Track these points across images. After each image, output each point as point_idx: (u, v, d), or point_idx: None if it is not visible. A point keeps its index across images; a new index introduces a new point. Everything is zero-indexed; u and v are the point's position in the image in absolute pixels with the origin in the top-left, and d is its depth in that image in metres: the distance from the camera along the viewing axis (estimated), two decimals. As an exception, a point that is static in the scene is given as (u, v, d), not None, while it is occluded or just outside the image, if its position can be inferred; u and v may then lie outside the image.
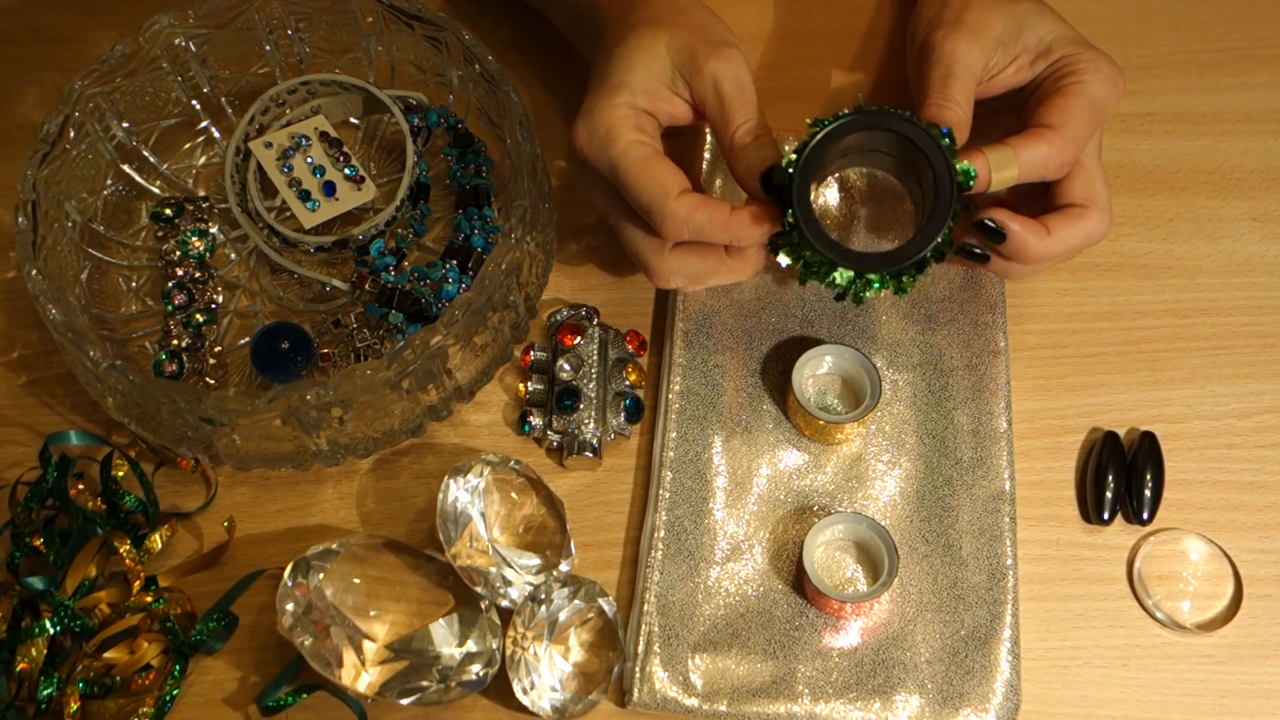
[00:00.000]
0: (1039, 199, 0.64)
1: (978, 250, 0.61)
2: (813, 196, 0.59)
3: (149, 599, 0.61)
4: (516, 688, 0.59)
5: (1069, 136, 0.60)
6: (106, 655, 0.61)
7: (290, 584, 0.59)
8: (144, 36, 0.68)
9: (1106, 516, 0.65)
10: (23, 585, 0.61)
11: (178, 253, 0.70)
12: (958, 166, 0.57)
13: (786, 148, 0.59)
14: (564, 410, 0.65)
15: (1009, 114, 0.65)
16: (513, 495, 0.64)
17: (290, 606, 0.59)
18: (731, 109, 0.60)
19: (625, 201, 0.61)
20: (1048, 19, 0.64)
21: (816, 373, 0.67)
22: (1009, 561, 0.63)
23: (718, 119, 0.61)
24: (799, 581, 0.63)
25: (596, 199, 0.64)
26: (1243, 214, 0.74)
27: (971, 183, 0.58)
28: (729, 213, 0.58)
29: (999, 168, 0.59)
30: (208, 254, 0.70)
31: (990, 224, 0.60)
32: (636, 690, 0.60)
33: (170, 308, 0.69)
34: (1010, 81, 0.64)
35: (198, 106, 0.73)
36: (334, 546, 0.61)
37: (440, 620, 0.61)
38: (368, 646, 0.60)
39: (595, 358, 0.67)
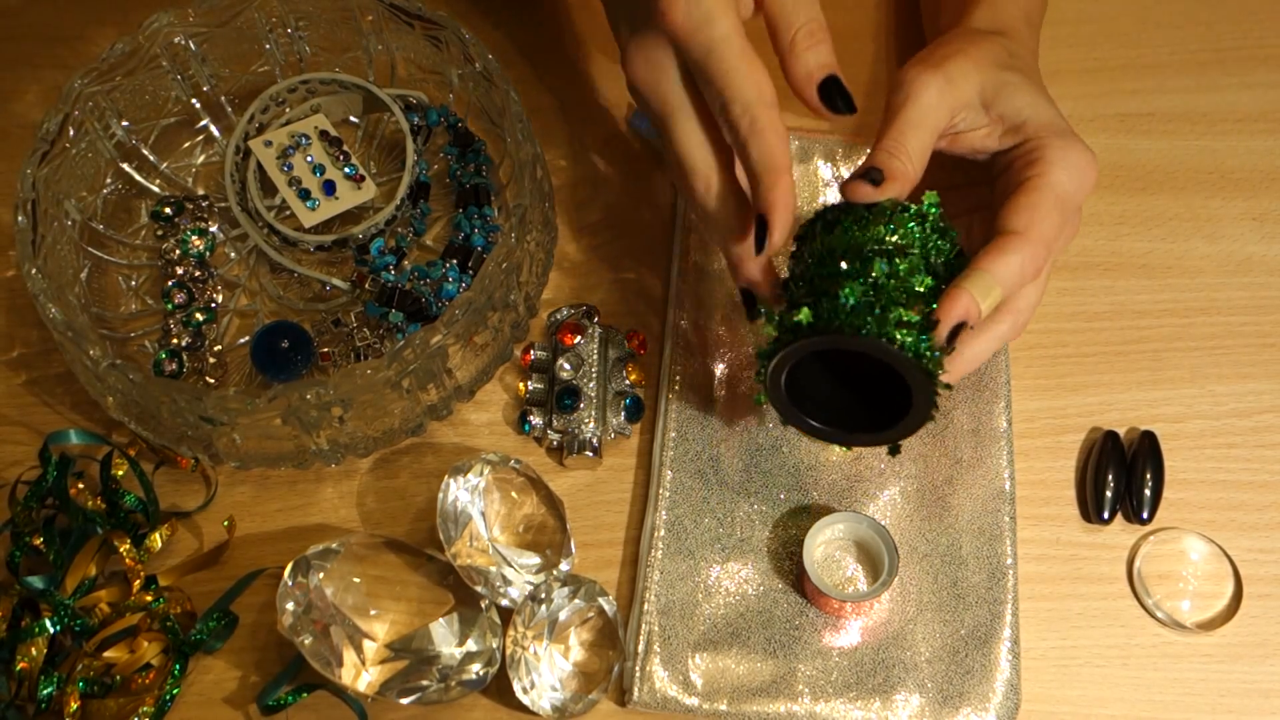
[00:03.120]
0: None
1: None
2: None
3: (149, 598, 0.61)
4: (516, 687, 0.59)
5: (1036, 238, 0.57)
6: (106, 654, 0.60)
7: (290, 583, 0.59)
8: (144, 35, 0.68)
9: (1106, 516, 0.65)
10: (22, 585, 0.61)
11: (177, 251, 0.70)
12: (927, 352, 0.55)
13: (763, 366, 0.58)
14: (564, 409, 0.65)
15: (984, 188, 0.63)
16: (513, 494, 0.64)
17: (290, 606, 0.59)
18: (793, 9, 0.57)
19: (693, 94, 0.58)
20: (1031, 95, 0.61)
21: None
22: (1009, 561, 0.63)
23: (778, 18, 0.58)
24: (799, 581, 0.63)
25: (653, 86, 0.59)
26: (1242, 214, 0.74)
27: (940, 371, 0.55)
28: (748, 222, 0.56)
29: (984, 296, 0.55)
30: (207, 253, 0.70)
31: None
32: (637, 689, 0.60)
33: (170, 306, 0.68)
34: (977, 145, 0.62)
35: (197, 105, 0.73)
36: (334, 546, 0.61)
37: (440, 619, 0.61)
38: (368, 646, 0.60)
39: (595, 357, 0.67)
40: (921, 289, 0.56)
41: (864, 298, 0.54)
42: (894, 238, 0.56)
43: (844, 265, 0.56)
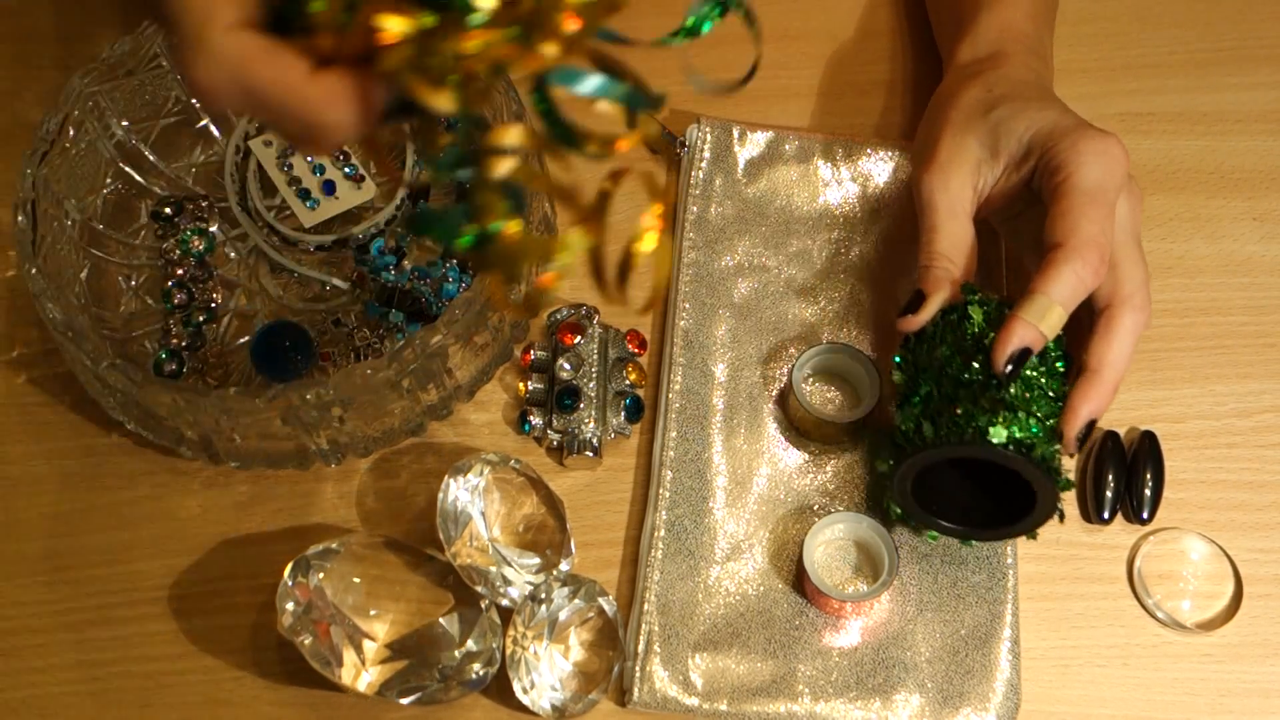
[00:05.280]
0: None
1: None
2: None
3: None
4: (516, 687, 0.59)
5: (1078, 243, 0.56)
6: None
7: (290, 583, 0.59)
8: (143, 34, 0.67)
9: (1106, 516, 0.65)
10: None
11: (177, 251, 0.69)
12: (1052, 457, 0.57)
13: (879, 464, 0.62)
14: (564, 409, 0.65)
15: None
16: (513, 494, 0.64)
17: (290, 606, 0.59)
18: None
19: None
20: (1024, 116, 0.61)
21: (817, 371, 0.67)
22: (1009, 560, 0.63)
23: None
24: (799, 581, 0.63)
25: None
26: (1242, 214, 0.74)
27: (1062, 481, 0.57)
28: (305, 73, 0.38)
29: (1041, 318, 0.56)
30: (207, 253, 0.70)
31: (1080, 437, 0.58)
32: (636, 689, 0.60)
33: (170, 306, 0.68)
34: (1010, 189, 0.62)
35: (197, 105, 0.73)
36: (334, 546, 0.61)
37: (440, 619, 0.61)
38: (368, 646, 0.60)
39: (595, 357, 0.67)
40: (1050, 387, 0.58)
41: (989, 413, 0.56)
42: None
43: (964, 371, 0.58)
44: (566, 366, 0.66)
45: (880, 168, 0.72)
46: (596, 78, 0.38)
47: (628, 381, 0.67)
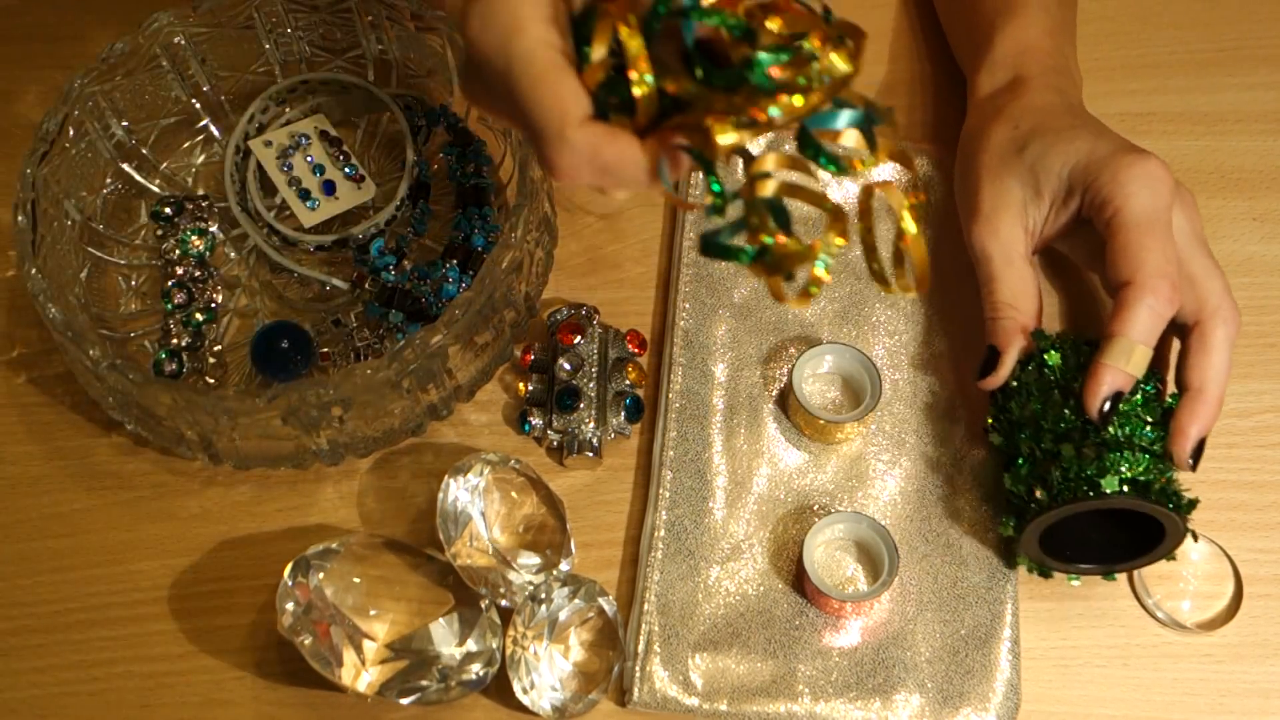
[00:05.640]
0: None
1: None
2: None
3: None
4: (516, 687, 0.59)
5: (1146, 277, 0.56)
6: None
7: (290, 583, 0.59)
8: (144, 35, 0.68)
9: (1107, 516, 0.65)
10: None
11: (177, 251, 0.69)
12: (1170, 492, 0.58)
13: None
14: (564, 409, 0.65)
15: None
16: (513, 494, 0.64)
17: (290, 606, 0.59)
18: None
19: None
20: (1057, 151, 0.61)
21: (817, 371, 0.67)
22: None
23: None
24: (799, 581, 0.63)
25: (487, 105, 0.51)
26: (1243, 214, 0.74)
27: (1185, 505, 0.58)
28: (640, 144, 0.46)
29: (1125, 360, 0.57)
30: (207, 253, 0.70)
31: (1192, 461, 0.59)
32: (637, 690, 0.60)
33: (170, 306, 0.68)
34: (1063, 223, 0.62)
35: (197, 105, 0.73)
36: (334, 546, 0.61)
37: (440, 619, 0.61)
38: (368, 646, 0.60)
39: (595, 357, 0.67)
40: (1148, 413, 0.59)
41: (1096, 460, 0.58)
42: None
43: (1060, 421, 0.59)
44: (566, 366, 0.66)
45: (880, 168, 0.72)
46: (847, 113, 0.46)
47: (627, 381, 0.67)
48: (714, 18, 0.45)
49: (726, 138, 0.44)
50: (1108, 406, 0.57)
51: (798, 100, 0.44)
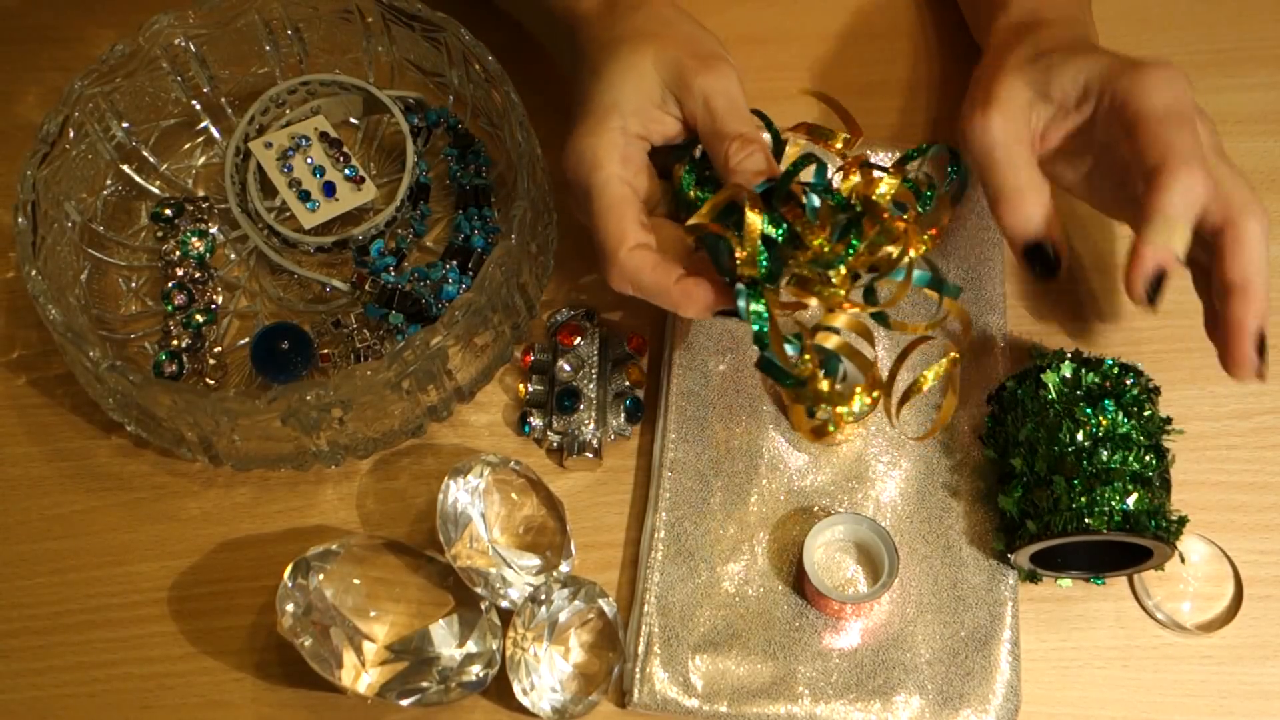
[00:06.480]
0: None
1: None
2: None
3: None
4: (516, 688, 0.59)
5: (1183, 156, 0.55)
6: None
7: (290, 584, 0.59)
8: (144, 36, 0.68)
9: (1107, 517, 0.65)
10: None
11: (177, 253, 0.70)
12: (1160, 522, 0.59)
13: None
14: (564, 411, 0.65)
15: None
16: (513, 496, 0.64)
17: (290, 607, 0.59)
18: (723, 125, 0.59)
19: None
20: (1075, 61, 0.60)
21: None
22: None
23: (710, 136, 0.60)
24: (799, 582, 0.63)
25: (580, 215, 0.62)
26: (1243, 215, 0.74)
27: (1173, 531, 0.59)
28: (673, 281, 0.57)
29: (1168, 237, 0.55)
30: (207, 254, 0.70)
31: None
32: (636, 691, 0.60)
33: (170, 308, 0.68)
34: (1068, 129, 0.61)
35: (198, 106, 0.73)
36: (334, 547, 0.61)
37: (440, 621, 0.61)
38: (368, 647, 0.60)
39: (595, 358, 0.67)
40: (1142, 432, 0.60)
41: (1087, 492, 0.59)
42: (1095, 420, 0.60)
43: (1053, 444, 0.60)
44: (566, 368, 0.66)
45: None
46: (920, 272, 0.57)
47: (628, 383, 0.67)
48: (831, 195, 0.57)
49: (834, 321, 0.57)
50: (1152, 291, 0.55)
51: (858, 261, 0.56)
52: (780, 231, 0.56)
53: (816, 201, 0.56)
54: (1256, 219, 0.57)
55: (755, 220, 0.55)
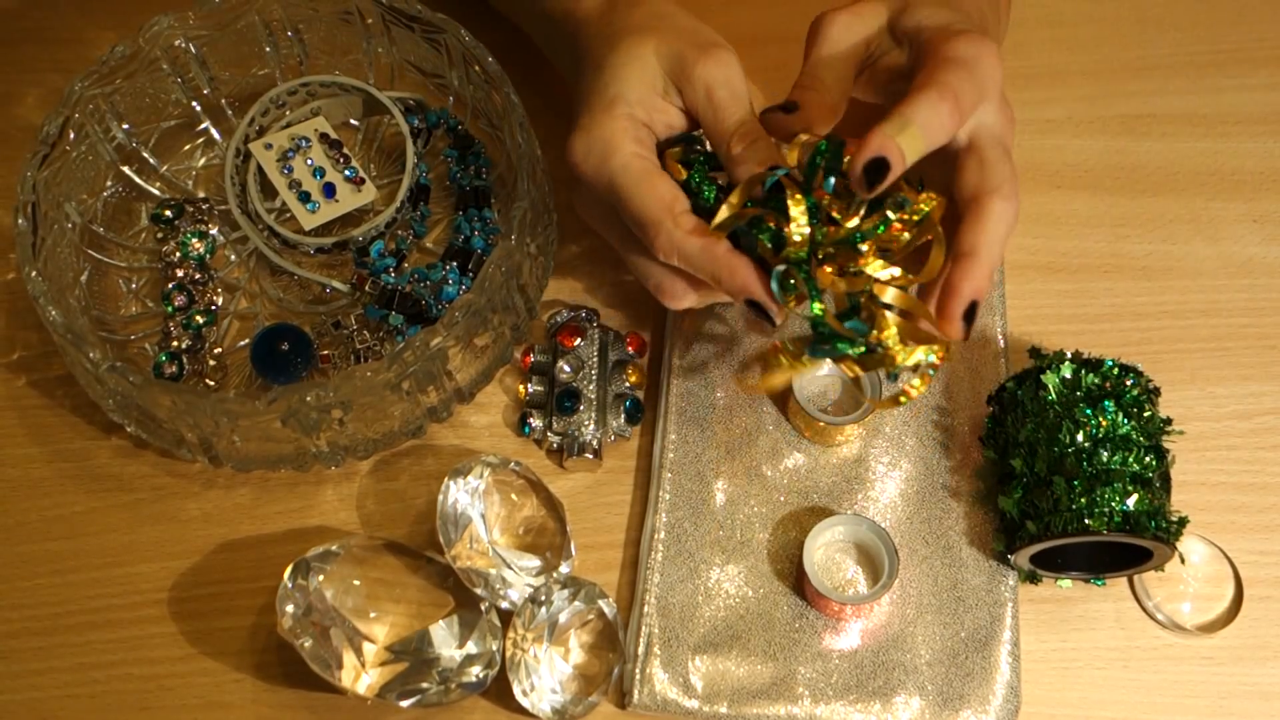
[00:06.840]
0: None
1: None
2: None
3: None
4: (516, 689, 0.59)
5: (941, 83, 0.55)
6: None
7: (290, 585, 0.59)
8: (144, 38, 0.68)
9: (1107, 518, 0.65)
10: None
11: (177, 254, 0.70)
12: (1159, 524, 0.59)
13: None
14: (564, 412, 0.65)
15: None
16: (513, 497, 0.64)
17: (290, 608, 0.59)
18: (725, 113, 0.59)
19: (624, 224, 0.60)
20: (931, 7, 0.60)
21: (818, 373, 0.67)
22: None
23: (711, 125, 0.60)
24: (799, 583, 0.63)
25: (595, 221, 0.63)
26: (1243, 215, 0.74)
27: (1173, 530, 0.60)
28: (723, 249, 0.56)
29: (895, 128, 0.54)
30: (208, 255, 0.70)
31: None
32: (636, 692, 0.60)
33: (170, 309, 0.68)
34: (893, 65, 0.61)
35: (198, 108, 0.73)
36: (334, 548, 0.61)
37: (440, 622, 0.61)
38: (368, 648, 0.60)
39: (595, 359, 0.67)
40: (1141, 433, 0.60)
41: (1087, 493, 0.59)
42: (1096, 421, 0.60)
43: (1053, 445, 0.60)
44: (566, 369, 0.66)
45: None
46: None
47: (627, 384, 0.67)
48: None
49: (874, 269, 0.55)
50: (870, 175, 0.54)
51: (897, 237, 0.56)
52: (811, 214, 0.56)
53: (833, 183, 0.56)
54: (1007, 202, 0.58)
55: (800, 203, 0.54)
